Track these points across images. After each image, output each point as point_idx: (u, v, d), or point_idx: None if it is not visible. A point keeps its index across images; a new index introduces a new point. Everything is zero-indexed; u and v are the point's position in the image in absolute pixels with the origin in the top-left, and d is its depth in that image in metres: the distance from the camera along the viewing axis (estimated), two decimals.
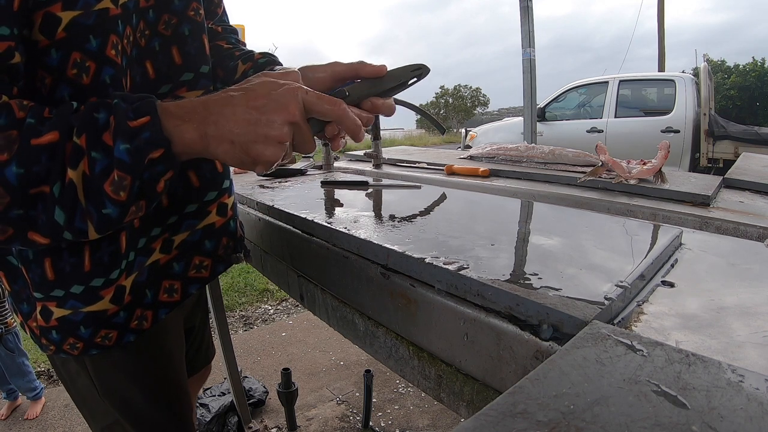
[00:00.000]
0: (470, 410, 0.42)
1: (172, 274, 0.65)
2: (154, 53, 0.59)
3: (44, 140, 0.42)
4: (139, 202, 0.46)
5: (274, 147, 0.46)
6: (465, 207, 0.75)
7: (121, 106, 0.44)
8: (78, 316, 0.56)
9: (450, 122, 28.28)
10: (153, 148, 0.43)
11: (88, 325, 0.57)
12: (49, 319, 0.56)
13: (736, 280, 0.43)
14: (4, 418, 1.98)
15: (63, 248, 0.53)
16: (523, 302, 0.36)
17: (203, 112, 0.46)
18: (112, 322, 0.59)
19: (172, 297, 0.65)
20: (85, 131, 0.43)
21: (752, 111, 11.46)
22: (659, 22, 10.21)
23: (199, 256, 0.67)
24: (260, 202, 0.83)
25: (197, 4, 0.62)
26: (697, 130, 4.78)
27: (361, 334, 0.59)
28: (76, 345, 0.58)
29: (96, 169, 0.43)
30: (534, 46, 4.57)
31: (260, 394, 1.90)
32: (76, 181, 0.43)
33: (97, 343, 0.59)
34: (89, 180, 0.43)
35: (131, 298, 0.60)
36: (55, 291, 0.55)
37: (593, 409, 0.22)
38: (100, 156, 0.43)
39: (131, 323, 0.61)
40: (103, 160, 0.43)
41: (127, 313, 0.60)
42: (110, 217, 0.45)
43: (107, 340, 0.59)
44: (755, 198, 0.87)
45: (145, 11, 0.57)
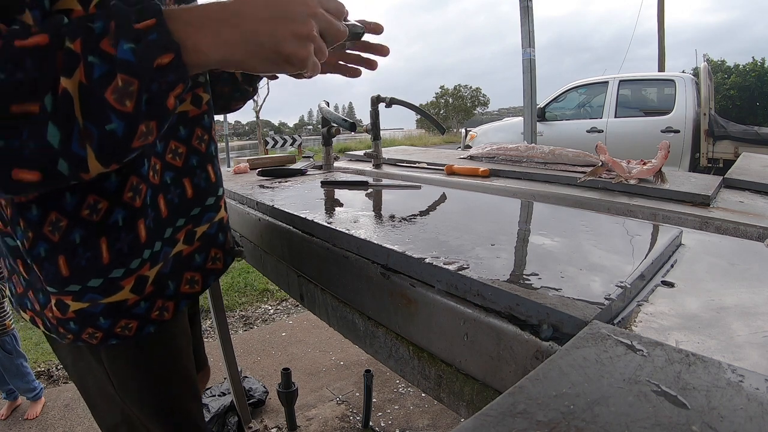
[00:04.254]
0: (470, 410, 0.42)
1: (193, 265, 0.65)
2: None
3: (30, 42, 0.36)
4: (149, 123, 0.40)
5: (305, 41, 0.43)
6: (465, 207, 0.75)
7: (122, 8, 0.39)
8: (97, 308, 0.55)
9: (450, 122, 28.28)
10: (162, 52, 0.39)
11: (108, 315, 0.56)
12: (66, 311, 0.54)
13: (736, 280, 0.43)
14: (4, 418, 1.98)
15: (77, 244, 0.51)
16: (523, 302, 0.36)
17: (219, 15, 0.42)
18: (133, 313, 0.58)
19: (193, 288, 0.65)
20: (79, 36, 0.37)
21: (752, 111, 11.46)
22: (659, 21, 10.21)
23: (215, 248, 0.68)
24: (260, 202, 0.83)
25: None
26: (697, 130, 4.78)
27: (361, 334, 0.59)
28: (95, 335, 0.57)
29: (95, 74, 0.37)
30: (534, 46, 4.57)
31: (260, 394, 1.90)
32: (72, 91, 0.37)
33: (117, 333, 0.58)
34: (87, 89, 0.37)
35: (153, 288, 0.59)
36: (70, 286, 0.53)
37: (593, 409, 0.22)
38: (98, 60, 0.37)
39: (152, 314, 0.60)
40: (102, 65, 0.37)
41: (148, 304, 0.59)
42: (115, 135, 0.39)
43: (127, 330, 0.58)
44: (755, 198, 0.87)
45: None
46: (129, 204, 0.53)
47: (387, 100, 1.40)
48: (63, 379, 2.34)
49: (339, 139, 16.56)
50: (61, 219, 0.50)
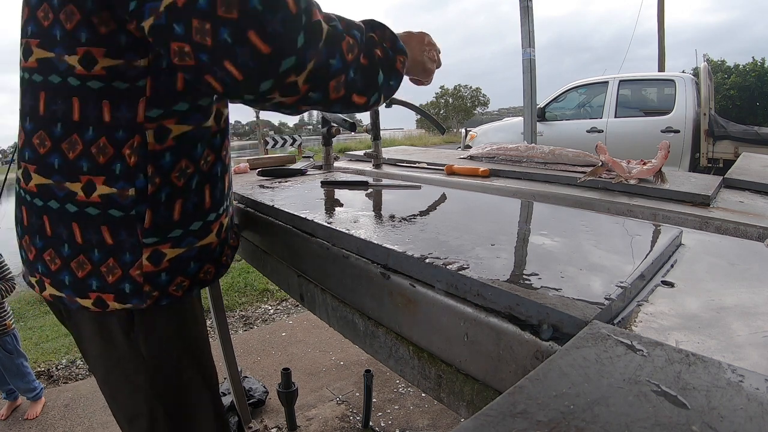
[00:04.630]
0: (470, 410, 0.42)
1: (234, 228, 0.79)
2: None
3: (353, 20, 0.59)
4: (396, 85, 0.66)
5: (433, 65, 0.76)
6: (465, 207, 0.75)
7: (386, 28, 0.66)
8: (192, 252, 0.64)
9: (450, 122, 28.29)
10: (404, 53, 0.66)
11: (197, 260, 0.66)
12: (160, 261, 0.61)
13: (736, 280, 0.43)
14: (4, 418, 1.98)
15: (192, 189, 0.62)
16: (523, 302, 0.36)
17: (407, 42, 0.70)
18: (212, 257, 0.69)
19: (235, 242, 0.78)
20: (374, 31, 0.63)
21: (752, 111, 11.46)
22: (659, 21, 10.21)
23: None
24: (260, 202, 0.83)
25: None
26: (697, 130, 4.77)
27: (361, 334, 0.59)
28: (182, 284, 0.64)
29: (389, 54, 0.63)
30: (534, 46, 4.57)
31: (260, 394, 1.90)
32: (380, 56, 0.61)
33: (201, 279, 0.67)
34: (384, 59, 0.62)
35: (225, 235, 0.71)
36: (174, 231, 0.61)
37: (593, 409, 0.22)
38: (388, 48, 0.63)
39: (222, 258, 0.71)
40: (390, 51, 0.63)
41: (220, 249, 0.70)
42: (393, 88, 0.65)
43: (208, 274, 0.68)
44: (755, 198, 0.87)
45: None
46: (223, 160, 0.68)
47: (387, 100, 1.40)
48: (63, 379, 2.34)
49: (339, 139, 16.55)
50: (189, 166, 0.61)
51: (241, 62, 0.47)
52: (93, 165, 0.56)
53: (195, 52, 0.47)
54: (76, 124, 0.54)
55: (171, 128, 0.58)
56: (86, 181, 0.56)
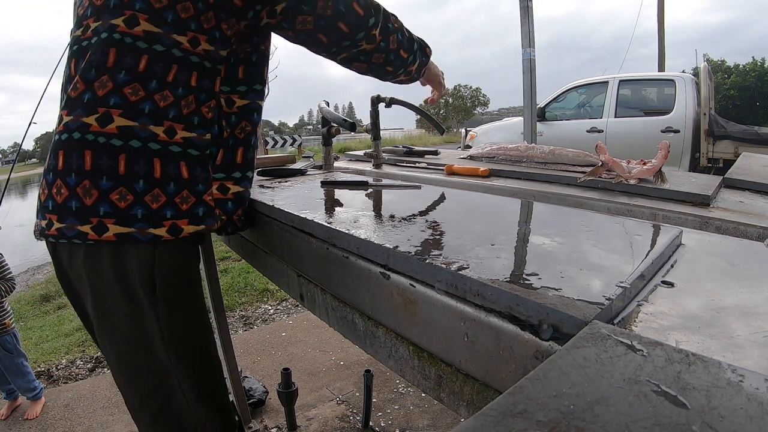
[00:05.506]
0: (470, 410, 0.42)
1: None
2: None
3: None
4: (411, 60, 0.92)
5: (443, 82, 1.09)
6: (465, 207, 0.75)
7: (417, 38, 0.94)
8: (247, 193, 0.84)
9: (450, 122, 28.26)
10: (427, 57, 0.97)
11: (246, 202, 0.84)
12: (227, 192, 0.80)
13: (736, 280, 0.43)
14: (4, 418, 1.98)
15: (251, 144, 0.83)
16: (523, 302, 0.36)
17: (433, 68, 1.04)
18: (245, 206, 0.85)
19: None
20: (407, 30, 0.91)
21: (752, 111, 11.46)
22: (659, 21, 10.20)
23: None
24: (260, 201, 0.83)
25: None
26: (697, 130, 4.77)
27: (361, 334, 0.59)
28: (242, 217, 0.84)
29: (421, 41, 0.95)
30: (534, 46, 4.57)
31: (260, 394, 1.90)
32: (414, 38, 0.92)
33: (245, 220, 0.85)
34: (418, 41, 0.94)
35: None
36: (235, 173, 0.81)
37: (593, 409, 0.22)
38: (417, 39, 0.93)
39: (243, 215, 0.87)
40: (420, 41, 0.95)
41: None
42: (423, 63, 0.96)
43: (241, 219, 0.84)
44: (755, 198, 0.87)
45: None
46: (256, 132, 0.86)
47: (387, 100, 1.40)
48: (63, 379, 2.34)
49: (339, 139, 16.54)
50: (248, 125, 0.82)
51: (348, 22, 0.77)
52: (178, 114, 0.70)
53: (316, 20, 0.75)
54: (169, 84, 0.69)
55: (235, 100, 0.80)
56: (168, 126, 0.70)
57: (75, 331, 2.97)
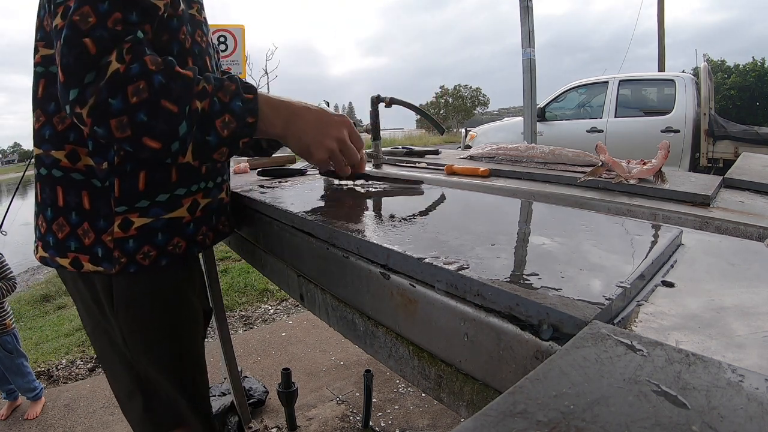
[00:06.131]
0: (470, 410, 0.42)
1: (226, 212, 0.85)
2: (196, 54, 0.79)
3: (182, 72, 0.60)
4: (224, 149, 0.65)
5: (323, 151, 0.71)
6: (465, 207, 0.75)
7: (238, 81, 0.65)
8: (158, 223, 0.71)
9: (450, 122, 28.26)
10: (252, 115, 0.64)
11: (166, 231, 0.71)
12: (129, 228, 0.69)
13: (736, 280, 0.43)
14: (4, 418, 1.98)
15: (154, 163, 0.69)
16: (523, 302, 0.36)
17: (289, 113, 0.70)
18: (185, 232, 0.74)
19: (224, 228, 0.84)
20: (212, 83, 0.63)
21: (752, 111, 11.46)
22: (659, 21, 10.20)
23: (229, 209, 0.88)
24: (260, 201, 0.83)
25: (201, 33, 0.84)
26: (697, 130, 4.77)
27: (361, 334, 0.59)
28: (149, 253, 0.70)
29: (215, 108, 0.62)
30: (534, 46, 4.57)
31: (260, 394, 1.90)
32: (200, 110, 0.61)
33: (169, 251, 0.72)
34: (207, 114, 0.61)
35: (201, 214, 0.77)
36: (141, 202, 0.69)
37: (593, 409, 0.22)
38: (218, 102, 0.62)
39: (197, 236, 0.77)
40: (219, 104, 0.62)
41: (196, 227, 0.76)
42: (209, 144, 0.62)
43: (177, 248, 0.73)
44: (755, 198, 0.87)
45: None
46: None
47: (387, 100, 1.40)
48: (63, 379, 2.34)
49: None
50: None
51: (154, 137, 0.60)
52: (79, 136, 0.67)
53: None
54: None
55: None
56: (70, 150, 0.67)
57: (75, 331, 2.97)
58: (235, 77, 0.66)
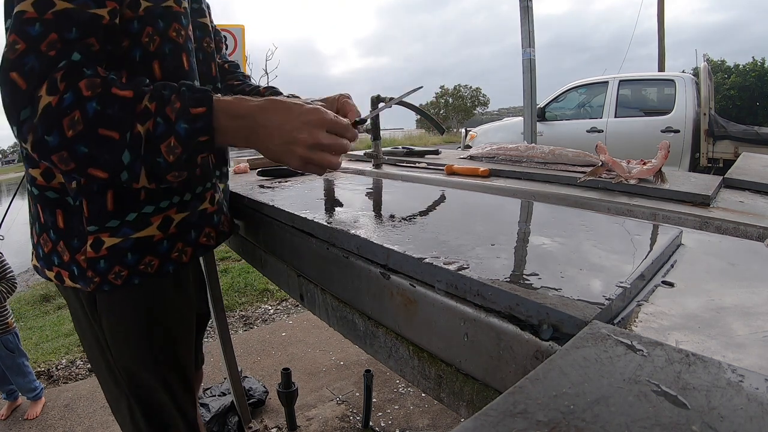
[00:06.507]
0: (470, 410, 0.42)
1: (212, 223, 0.79)
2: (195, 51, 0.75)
3: (120, 93, 0.54)
4: (181, 171, 0.59)
5: (295, 160, 0.62)
6: (465, 207, 0.75)
7: (186, 94, 0.57)
8: (127, 243, 0.68)
9: (450, 122, 28.27)
10: (203, 134, 0.57)
11: (135, 251, 0.68)
12: (100, 248, 0.66)
13: (736, 280, 0.43)
14: (4, 418, 1.98)
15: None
16: (523, 302, 0.36)
17: (252, 123, 0.60)
18: (157, 250, 0.70)
19: (209, 242, 0.78)
20: (155, 100, 0.55)
21: (752, 111, 11.46)
22: (659, 21, 10.20)
23: (223, 214, 0.82)
24: (260, 201, 0.83)
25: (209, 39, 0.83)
26: (697, 130, 4.77)
27: (361, 334, 0.59)
28: (120, 273, 0.68)
29: (158, 130, 0.55)
30: (534, 46, 4.56)
31: (260, 394, 1.90)
32: (143, 134, 0.55)
33: (141, 270, 0.69)
34: (151, 136, 0.55)
35: (176, 231, 0.72)
36: (111, 222, 0.66)
37: (593, 409, 0.22)
38: (162, 122, 0.55)
39: (172, 254, 0.72)
40: (164, 126, 0.55)
41: (170, 244, 0.72)
42: (161, 167, 0.57)
43: (150, 267, 0.70)
44: (755, 198, 0.87)
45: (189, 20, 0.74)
46: None
47: (387, 99, 1.40)
48: (63, 379, 2.34)
49: None
50: None
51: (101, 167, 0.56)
52: None
53: None
54: None
55: None
56: (44, 168, 0.66)
57: (75, 331, 2.97)
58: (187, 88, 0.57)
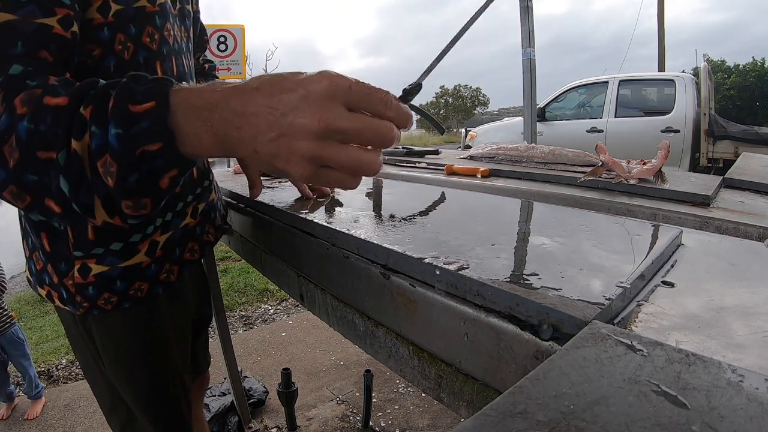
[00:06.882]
0: (470, 410, 0.42)
1: (195, 236, 0.76)
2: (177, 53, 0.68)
3: (53, 102, 0.40)
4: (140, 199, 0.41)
5: (302, 166, 0.38)
6: (465, 207, 0.75)
7: (129, 86, 0.40)
8: (115, 272, 0.64)
9: (450, 122, 28.26)
10: (149, 140, 0.38)
11: (125, 278, 0.65)
12: (87, 275, 0.62)
13: (736, 280, 0.43)
14: (5, 418, 1.98)
15: None
16: (523, 302, 0.36)
17: (227, 114, 0.38)
18: (145, 275, 0.67)
19: (193, 256, 0.75)
20: (92, 103, 0.40)
21: (752, 111, 11.46)
22: (659, 21, 10.20)
23: (208, 224, 0.80)
24: (260, 201, 0.83)
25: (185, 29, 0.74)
26: (697, 130, 4.78)
27: (361, 334, 0.59)
28: (110, 299, 0.65)
29: (93, 144, 0.39)
30: (534, 46, 4.56)
31: (260, 394, 1.90)
32: (81, 152, 0.39)
33: (131, 296, 0.66)
34: (91, 154, 0.40)
35: (162, 253, 0.69)
36: (95, 249, 0.62)
37: (593, 409, 0.22)
38: (98, 131, 0.39)
39: (161, 275, 0.69)
40: (99, 137, 0.39)
41: (158, 267, 0.69)
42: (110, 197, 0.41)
43: (140, 291, 0.67)
44: (755, 198, 0.87)
45: (174, 17, 0.67)
46: None
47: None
48: (63, 379, 2.34)
49: None
50: None
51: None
52: None
53: None
54: None
55: None
56: None
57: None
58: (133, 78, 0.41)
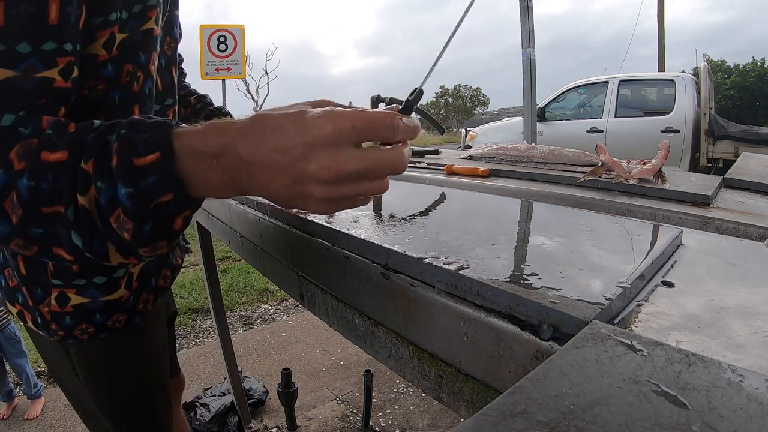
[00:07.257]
0: (470, 410, 0.42)
1: (167, 263, 0.75)
2: (161, 70, 0.66)
3: (52, 158, 0.39)
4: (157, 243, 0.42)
5: (319, 206, 0.40)
6: (465, 207, 0.75)
7: (130, 138, 0.38)
8: (96, 305, 0.62)
9: (450, 122, 28.26)
10: (161, 193, 0.38)
11: (104, 312, 0.63)
12: (66, 305, 0.61)
13: (736, 280, 0.43)
14: (5, 418, 1.98)
15: None
16: (523, 302, 0.36)
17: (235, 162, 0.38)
18: (124, 307, 0.66)
19: (166, 282, 0.75)
20: (93, 156, 0.39)
21: (752, 111, 11.46)
22: (659, 21, 10.21)
23: (178, 247, 0.80)
24: (260, 202, 0.83)
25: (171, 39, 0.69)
26: (697, 130, 4.78)
27: (361, 334, 0.59)
28: (87, 330, 0.63)
29: (102, 199, 0.38)
30: (534, 46, 4.57)
31: (260, 394, 1.90)
32: (89, 207, 0.39)
33: (108, 327, 0.65)
34: (100, 208, 0.39)
35: (138, 284, 0.68)
36: (77, 280, 0.60)
37: (593, 409, 0.22)
38: (105, 186, 0.38)
39: (138, 306, 0.69)
40: (107, 192, 0.38)
41: (135, 298, 0.68)
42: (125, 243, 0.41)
43: (117, 323, 0.66)
44: (755, 198, 0.87)
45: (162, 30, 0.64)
46: None
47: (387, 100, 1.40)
48: None
49: None
50: None
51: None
52: None
53: None
54: None
55: None
56: None
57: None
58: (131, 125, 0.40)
